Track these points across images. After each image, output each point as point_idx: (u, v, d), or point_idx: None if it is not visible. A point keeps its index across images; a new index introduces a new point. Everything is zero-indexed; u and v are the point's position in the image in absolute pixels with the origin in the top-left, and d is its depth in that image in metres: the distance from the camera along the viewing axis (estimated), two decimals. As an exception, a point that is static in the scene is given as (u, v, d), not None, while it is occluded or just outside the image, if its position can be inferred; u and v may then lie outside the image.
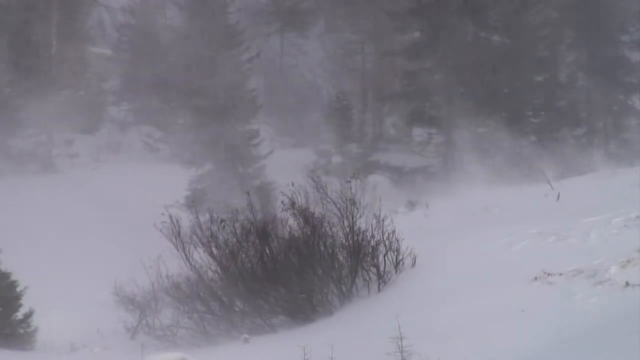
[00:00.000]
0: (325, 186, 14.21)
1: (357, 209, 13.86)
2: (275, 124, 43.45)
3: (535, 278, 11.11)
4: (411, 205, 22.77)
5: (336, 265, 13.67)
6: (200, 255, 14.77)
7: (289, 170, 25.39)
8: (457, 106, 35.41)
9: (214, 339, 14.03)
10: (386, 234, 13.66)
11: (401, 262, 13.44)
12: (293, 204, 14.12)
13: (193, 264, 14.66)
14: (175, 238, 14.58)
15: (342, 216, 13.88)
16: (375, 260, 13.56)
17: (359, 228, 13.80)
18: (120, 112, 47.22)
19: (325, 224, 13.92)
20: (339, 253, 13.81)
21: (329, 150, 38.43)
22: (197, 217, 15.14)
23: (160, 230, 14.66)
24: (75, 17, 41.77)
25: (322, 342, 9.66)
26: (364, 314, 12.36)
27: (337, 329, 11.85)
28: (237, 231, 14.65)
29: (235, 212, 15.07)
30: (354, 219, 13.82)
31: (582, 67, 35.89)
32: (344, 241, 13.83)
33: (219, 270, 14.57)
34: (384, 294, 12.93)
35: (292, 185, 14.21)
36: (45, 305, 15.90)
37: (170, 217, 14.77)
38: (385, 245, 13.61)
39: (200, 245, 14.67)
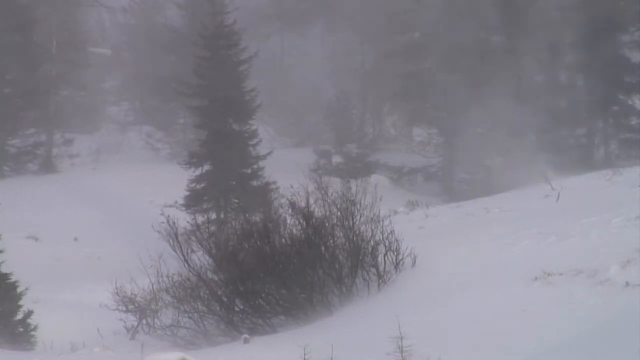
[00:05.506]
0: (327, 186, 14.20)
1: (357, 209, 13.86)
2: (275, 124, 43.49)
3: (535, 278, 11.11)
4: (411, 205, 22.80)
5: (336, 265, 13.67)
6: (198, 257, 14.75)
7: (289, 170, 25.36)
8: (457, 106, 35.42)
9: (214, 339, 14.03)
10: (386, 234, 13.66)
11: (401, 262, 13.44)
12: (293, 205, 14.12)
13: (192, 265, 14.64)
14: (173, 240, 14.54)
15: (343, 217, 13.88)
16: (375, 260, 13.56)
17: (359, 228, 13.80)
18: (120, 112, 47.30)
19: (327, 225, 13.91)
20: (339, 254, 13.80)
21: (329, 150, 38.45)
22: (194, 218, 15.09)
23: (159, 232, 14.63)
24: (75, 18, 41.83)
25: (322, 342, 9.66)
26: (364, 314, 12.35)
27: (337, 329, 11.84)
28: (238, 231, 14.65)
29: (236, 212, 15.06)
30: (354, 220, 13.82)
31: (582, 67, 35.86)
32: (344, 242, 13.82)
33: (218, 271, 14.56)
34: (384, 294, 12.92)
35: (292, 187, 14.19)
36: (45, 306, 15.92)
37: (167, 218, 14.71)
38: (385, 245, 13.61)
39: (199, 247, 14.65)
